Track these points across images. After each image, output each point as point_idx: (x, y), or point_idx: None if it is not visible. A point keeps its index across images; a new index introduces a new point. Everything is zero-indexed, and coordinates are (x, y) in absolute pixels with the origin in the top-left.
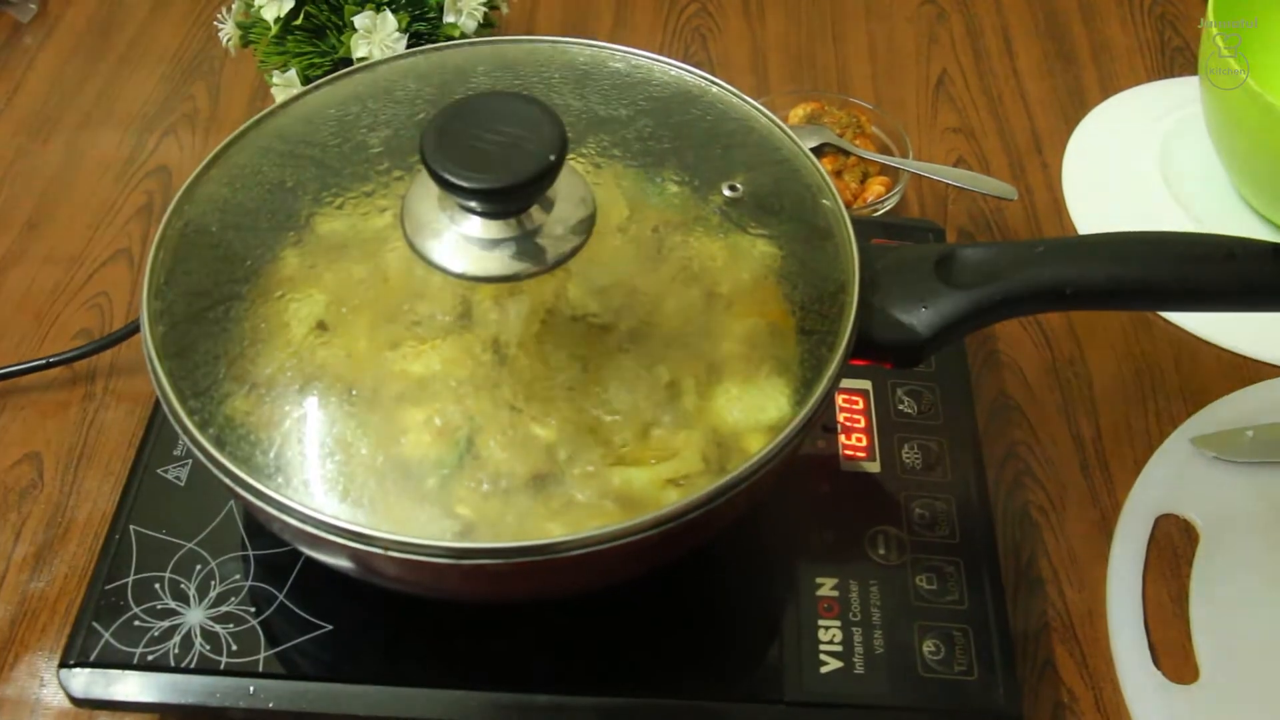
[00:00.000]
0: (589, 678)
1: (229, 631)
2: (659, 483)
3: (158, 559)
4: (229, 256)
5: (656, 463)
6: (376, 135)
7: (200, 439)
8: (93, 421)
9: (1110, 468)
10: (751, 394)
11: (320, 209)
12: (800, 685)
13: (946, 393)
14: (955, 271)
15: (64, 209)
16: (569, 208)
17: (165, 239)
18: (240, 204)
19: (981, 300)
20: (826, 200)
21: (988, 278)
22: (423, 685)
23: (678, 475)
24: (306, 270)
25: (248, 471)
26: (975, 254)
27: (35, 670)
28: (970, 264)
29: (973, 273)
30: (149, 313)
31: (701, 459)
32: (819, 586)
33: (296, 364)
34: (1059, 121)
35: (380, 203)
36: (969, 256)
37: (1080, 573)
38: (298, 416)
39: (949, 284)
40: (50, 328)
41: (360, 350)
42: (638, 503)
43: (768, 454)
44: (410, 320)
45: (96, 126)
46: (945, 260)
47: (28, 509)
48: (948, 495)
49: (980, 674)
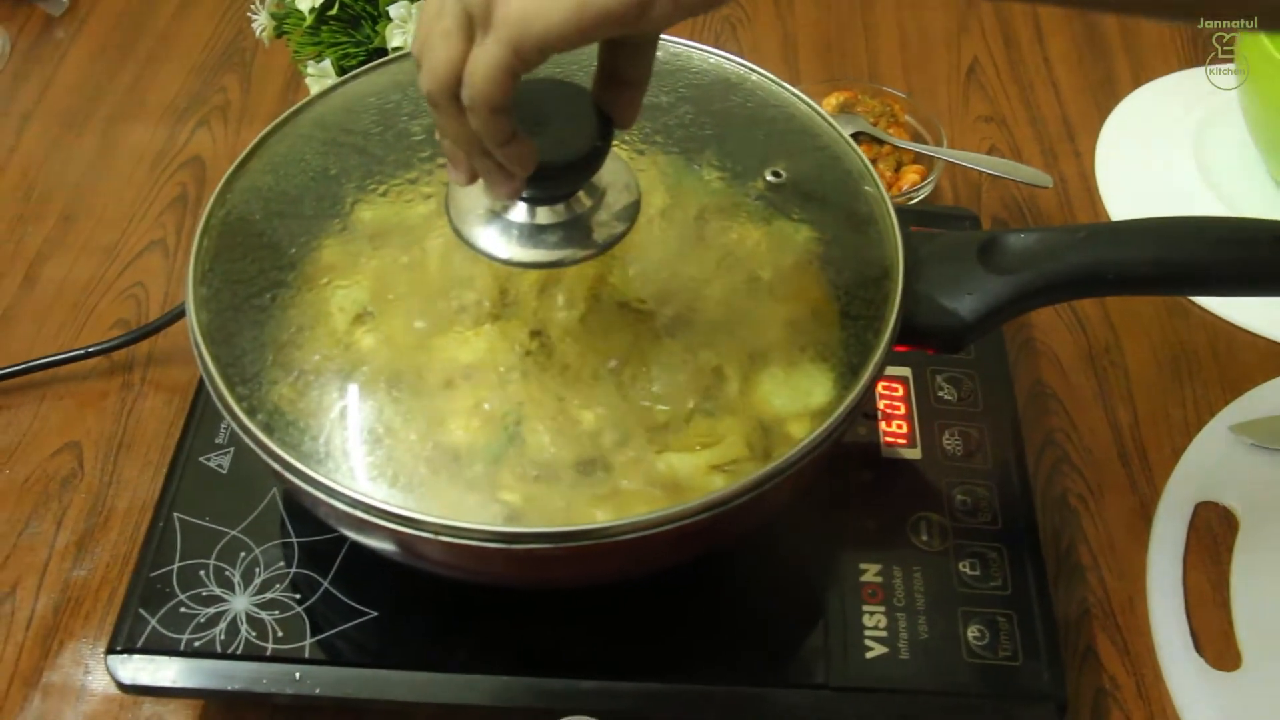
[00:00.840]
0: (633, 663)
1: (274, 618)
2: (704, 469)
3: (202, 546)
4: (273, 244)
5: (701, 449)
6: (418, 123)
7: (249, 424)
8: (131, 411)
9: (1148, 455)
10: (795, 379)
11: (364, 196)
12: (845, 670)
13: (986, 380)
14: (998, 257)
15: (99, 201)
16: (614, 194)
17: (209, 227)
18: (283, 192)
19: (1025, 285)
20: (869, 187)
21: (1031, 263)
22: (468, 671)
23: (723, 461)
24: (351, 258)
25: (297, 457)
26: (1018, 240)
27: (80, 657)
28: (1013, 249)
29: (1016, 258)
30: (194, 299)
31: (746, 445)
32: (863, 572)
33: (342, 351)
34: (1091, 110)
35: (424, 189)
36: (1012, 242)
37: (1120, 560)
38: (344, 403)
39: (992, 269)
40: (88, 318)
41: (405, 337)
42: (683, 489)
43: (815, 440)
44: (455, 307)
45: (129, 119)
46: (988, 246)
47: (69, 498)
48: (988, 482)
49: (1025, 659)
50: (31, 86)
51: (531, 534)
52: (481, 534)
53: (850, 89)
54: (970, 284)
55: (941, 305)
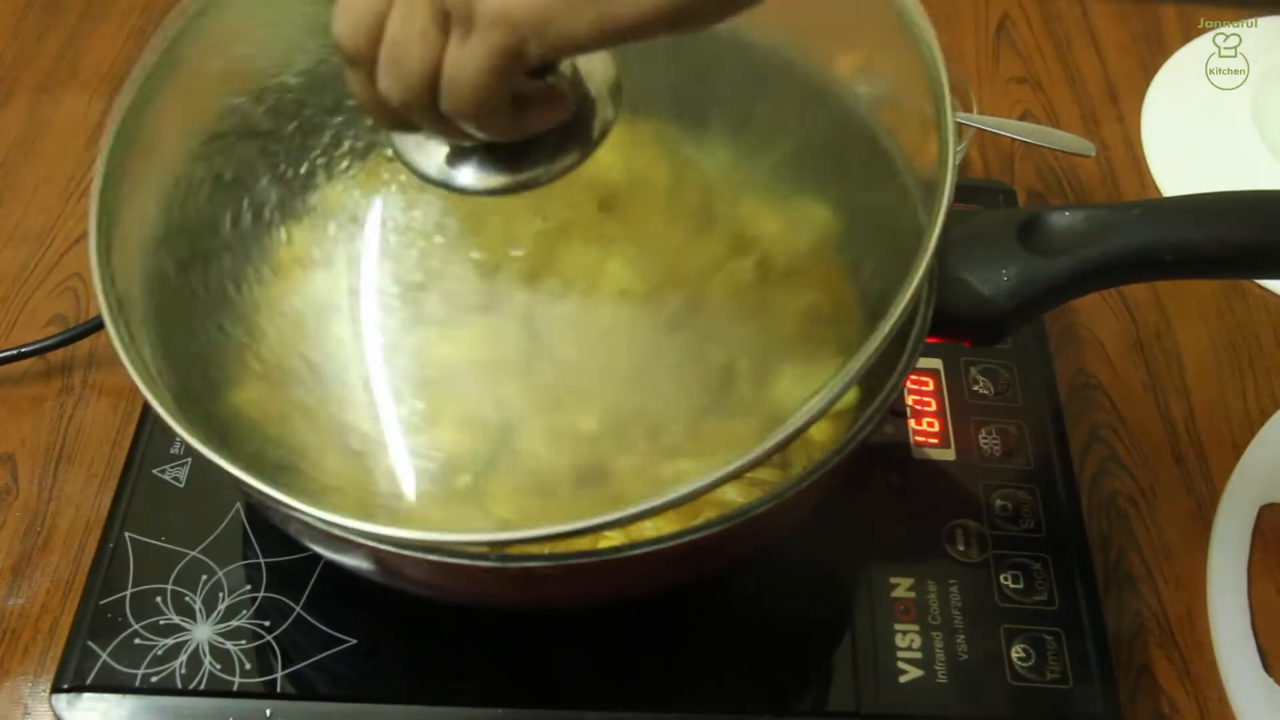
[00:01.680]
0: (641, 692)
1: (241, 648)
2: None
3: (158, 569)
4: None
5: (713, 455)
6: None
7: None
8: (71, 418)
9: (1206, 452)
10: (814, 378)
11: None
12: (877, 697)
13: (1024, 371)
14: (1042, 238)
15: (27, 180)
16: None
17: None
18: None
19: (1072, 269)
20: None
21: (1078, 244)
22: (458, 704)
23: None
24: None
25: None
26: (1063, 218)
27: (18, 697)
28: (1058, 229)
29: (1061, 239)
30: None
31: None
32: (894, 587)
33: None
34: (1135, 68)
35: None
36: (1056, 221)
37: (1176, 569)
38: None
39: (1035, 251)
40: (19, 314)
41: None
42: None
43: (842, 444)
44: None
45: (59, 89)
46: (1030, 225)
47: (1, 517)
48: (1030, 485)
49: (1076, 682)
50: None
51: (526, 553)
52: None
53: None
54: (1010, 267)
55: (978, 292)
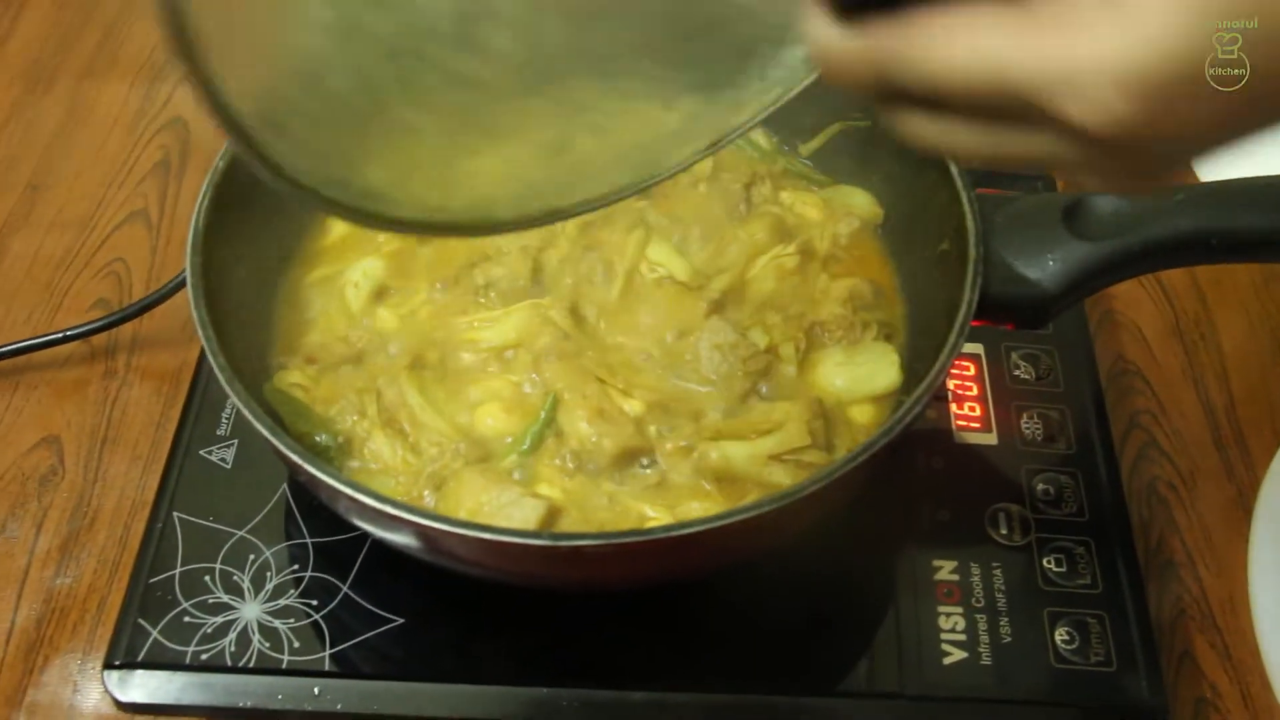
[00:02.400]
0: (689, 673)
1: (289, 627)
2: (761, 459)
3: (206, 549)
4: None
5: (758, 437)
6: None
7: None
8: (115, 400)
9: (1246, 439)
10: (858, 360)
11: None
12: (921, 678)
13: (1066, 356)
14: (1086, 222)
15: (70, 167)
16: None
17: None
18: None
19: (1116, 252)
20: None
21: (1123, 228)
22: (504, 683)
23: (783, 450)
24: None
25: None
26: (1108, 203)
27: (68, 674)
28: (1103, 213)
29: (1106, 223)
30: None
31: (808, 432)
32: (937, 570)
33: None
34: None
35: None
36: (1101, 205)
37: (1217, 555)
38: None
39: (1079, 236)
40: (63, 298)
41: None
42: (738, 480)
43: (887, 427)
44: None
45: (100, 77)
46: (1074, 209)
47: (49, 498)
48: (1073, 469)
49: (1120, 665)
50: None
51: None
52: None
53: None
54: (1054, 251)
55: (1023, 275)
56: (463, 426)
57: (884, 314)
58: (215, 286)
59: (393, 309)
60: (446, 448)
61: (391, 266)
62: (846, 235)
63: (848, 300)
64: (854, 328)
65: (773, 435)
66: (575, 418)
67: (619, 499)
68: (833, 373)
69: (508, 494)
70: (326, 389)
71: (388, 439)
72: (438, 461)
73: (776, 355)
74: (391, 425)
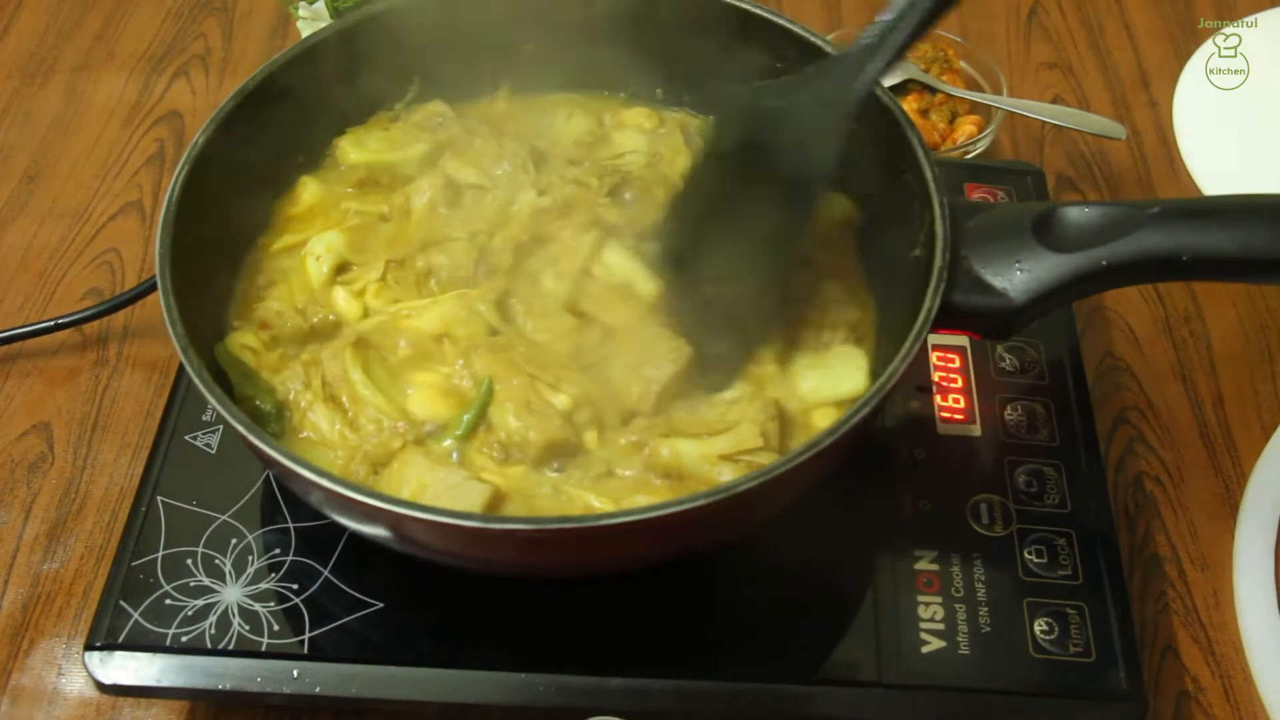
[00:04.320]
0: (665, 659)
1: (269, 610)
2: (712, 458)
3: (189, 533)
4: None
5: (710, 436)
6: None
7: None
8: (106, 388)
9: (1234, 435)
10: (826, 363)
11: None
12: (899, 666)
13: (1051, 349)
14: (1056, 232)
15: (66, 158)
16: None
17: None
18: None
19: (1085, 265)
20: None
21: (1094, 240)
22: (482, 667)
23: (734, 450)
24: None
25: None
26: (1080, 213)
27: (52, 657)
28: (1074, 224)
29: (1077, 234)
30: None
31: (760, 434)
32: (917, 559)
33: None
34: (1169, 53)
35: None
36: (1073, 216)
37: (1202, 550)
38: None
39: (1049, 246)
40: (56, 287)
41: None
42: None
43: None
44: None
45: (97, 69)
46: (1045, 219)
47: (38, 484)
48: (1055, 461)
49: (1099, 656)
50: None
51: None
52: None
53: None
54: (1023, 261)
55: (989, 284)
56: (403, 406)
57: (854, 316)
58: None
59: (347, 285)
60: (386, 425)
61: (352, 241)
62: (821, 236)
63: (817, 303)
64: (823, 330)
65: (725, 435)
66: (504, 410)
67: (563, 488)
68: (800, 375)
69: (454, 476)
70: (277, 357)
71: (327, 412)
72: (375, 438)
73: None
74: (333, 400)
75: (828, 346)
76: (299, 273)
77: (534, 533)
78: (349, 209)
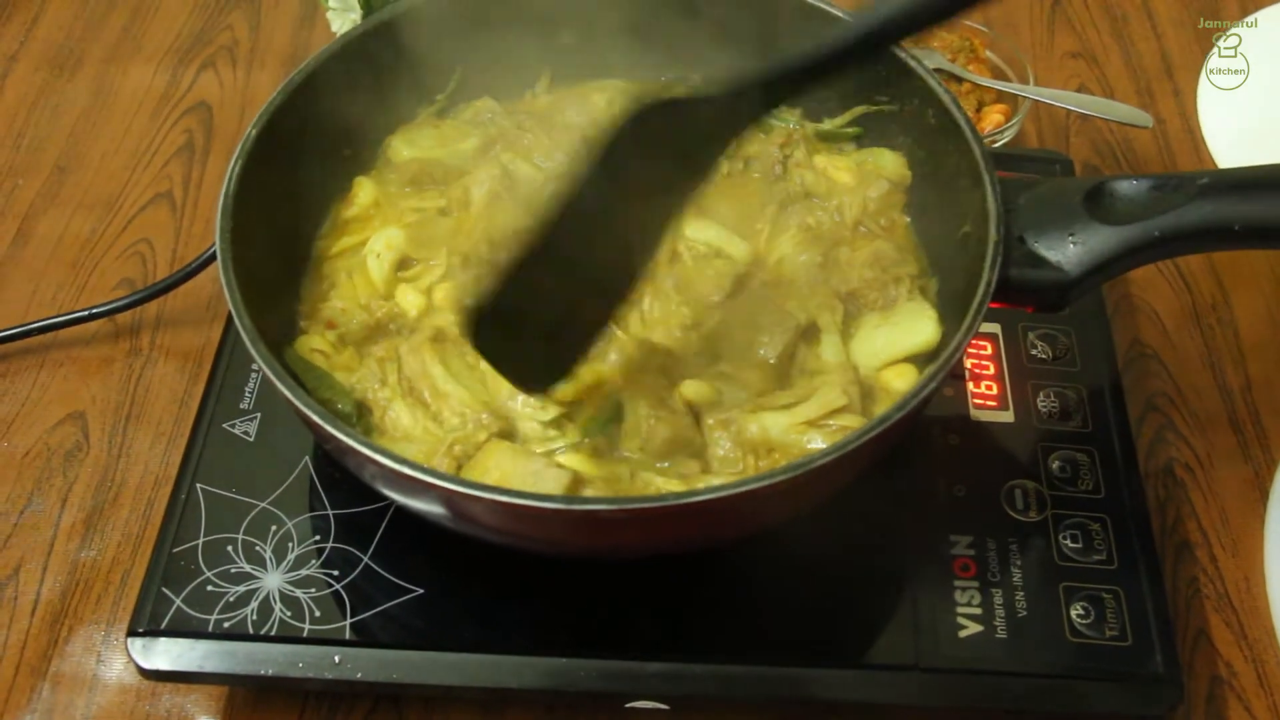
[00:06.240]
0: (705, 644)
1: (310, 596)
2: (799, 426)
3: (229, 519)
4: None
5: (794, 405)
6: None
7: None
8: (140, 378)
9: (1263, 421)
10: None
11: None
12: (936, 650)
13: (1083, 336)
14: (1108, 205)
15: (96, 150)
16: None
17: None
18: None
19: (1138, 236)
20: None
21: (1145, 212)
22: (522, 653)
23: (820, 414)
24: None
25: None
26: (1130, 186)
27: (92, 644)
28: (1125, 197)
29: (1128, 207)
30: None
31: (843, 393)
32: (953, 545)
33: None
34: (1192, 42)
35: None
36: (1123, 189)
37: (1233, 535)
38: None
39: (1101, 219)
40: (89, 277)
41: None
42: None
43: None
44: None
45: (125, 61)
46: (1096, 193)
47: (74, 473)
48: (1088, 447)
49: (1135, 640)
50: (15, 25)
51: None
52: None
53: None
54: (1076, 233)
55: (1043, 258)
56: (485, 398)
57: (913, 268)
58: (242, 254)
59: (410, 281)
60: (469, 417)
61: (412, 236)
62: (876, 199)
63: (874, 262)
64: (887, 286)
65: (809, 402)
66: (636, 407)
67: (639, 472)
68: (871, 335)
69: (535, 463)
70: (348, 356)
71: (408, 408)
72: (460, 430)
73: (816, 326)
74: (413, 394)
75: (894, 303)
76: (360, 271)
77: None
78: (406, 206)
